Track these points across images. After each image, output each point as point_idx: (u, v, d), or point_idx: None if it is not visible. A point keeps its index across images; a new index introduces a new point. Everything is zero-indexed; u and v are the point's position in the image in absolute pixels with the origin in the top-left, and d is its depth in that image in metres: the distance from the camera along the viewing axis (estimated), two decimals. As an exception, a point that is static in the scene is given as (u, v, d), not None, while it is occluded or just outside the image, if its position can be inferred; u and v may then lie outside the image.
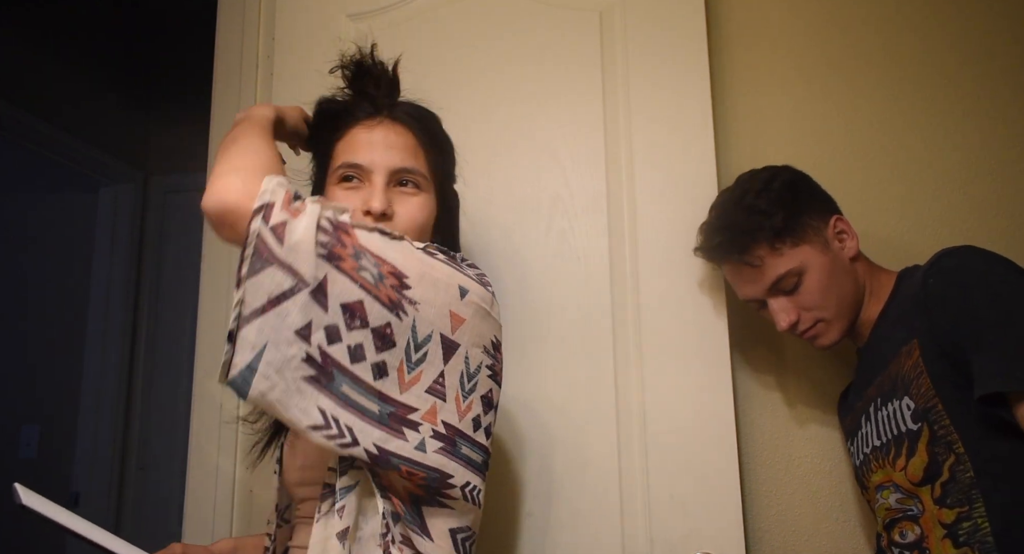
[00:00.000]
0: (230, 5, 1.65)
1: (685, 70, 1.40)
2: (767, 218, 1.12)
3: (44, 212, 2.88)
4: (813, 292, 1.12)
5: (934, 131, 1.41)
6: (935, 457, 1.00)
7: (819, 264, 1.12)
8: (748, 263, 1.14)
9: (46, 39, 2.56)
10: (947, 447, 0.98)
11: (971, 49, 1.42)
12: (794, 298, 1.14)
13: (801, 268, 1.12)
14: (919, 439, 1.01)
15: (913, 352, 1.03)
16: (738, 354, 1.37)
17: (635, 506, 1.28)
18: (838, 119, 1.44)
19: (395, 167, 0.98)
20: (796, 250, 1.12)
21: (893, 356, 1.07)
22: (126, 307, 2.81)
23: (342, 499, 0.84)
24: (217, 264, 1.55)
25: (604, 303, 1.35)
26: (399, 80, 1.06)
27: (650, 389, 1.31)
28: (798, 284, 1.13)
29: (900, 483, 1.05)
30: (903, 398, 1.04)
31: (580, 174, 1.40)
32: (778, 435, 1.36)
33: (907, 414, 1.03)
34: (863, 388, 1.16)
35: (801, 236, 1.13)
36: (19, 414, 2.71)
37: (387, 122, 1.01)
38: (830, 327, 1.14)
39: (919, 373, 1.01)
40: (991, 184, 1.38)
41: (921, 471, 1.01)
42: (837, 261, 1.14)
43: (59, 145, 2.58)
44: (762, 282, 1.14)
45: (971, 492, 0.96)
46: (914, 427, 1.02)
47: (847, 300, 1.14)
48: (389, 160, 0.98)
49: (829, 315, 1.13)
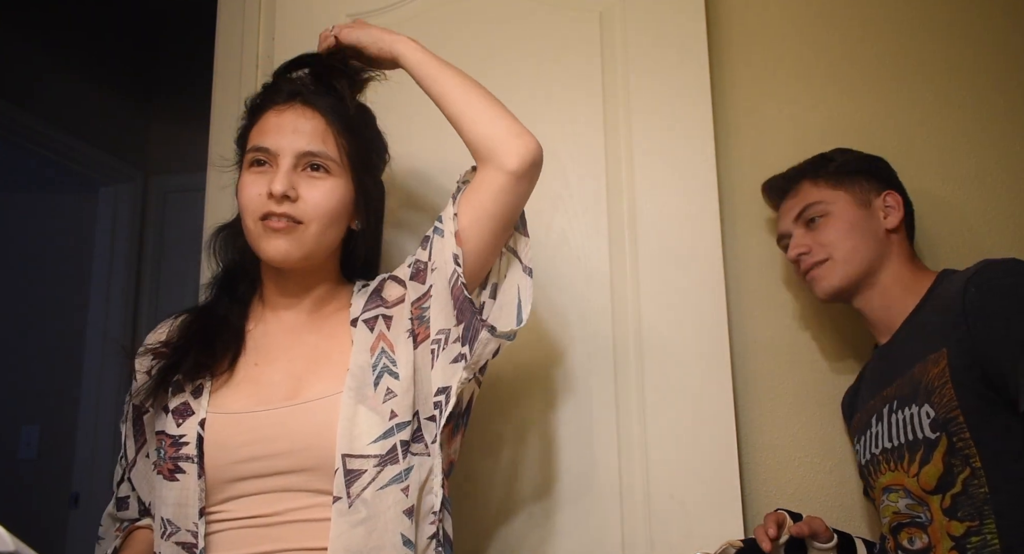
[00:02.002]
0: (230, 5, 1.64)
1: (685, 70, 1.40)
2: (824, 163, 1.24)
3: (44, 212, 2.88)
4: (830, 229, 1.18)
5: (934, 131, 1.41)
6: (951, 468, 0.99)
7: (848, 211, 1.19)
8: (791, 192, 1.25)
9: (46, 39, 2.56)
10: (964, 460, 0.97)
11: (972, 49, 1.42)
12: (813, 233, 1.20)
13: (829, 206, 1.19)
14: (936, 448, 1.00)
15: (941, 361, 1.01)
16: (738, 354, 1.37)
17: (635, 506, 1.28)
18: (838, 119, 1.44)
19: (301, 150, 0.97)
20: (832, 191, 1.20)
21: (920, 361, 1.05)
22: (126, 307, 2.81)
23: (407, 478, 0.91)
24: (217, 264, 1.55)
25: (604, 303, 1.35)
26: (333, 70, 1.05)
27: (650, 389, 1.31)
28: (822, 219, 1.20)
29: (912, 488, 1.05)
30: (923, 405, 1.02)
31: (580, 174, 1.40)
32: (778, 435, 1.36)
33: (926, 422, 1.02)
34: (880, 386, 1.15)
35: (844, 184, 1.20)
36: (19, 414, 2.71)
37: (298, 106, 1.00)
38: (834, 269, 1.17)
39: (944, 383, 1.00)
40: (998, 185, 1.38)
41: (935, 480, 1.00)
42: (869, 221, 1.18)
43: (59, 145, 2.58)
44: (793, 211, 1.23)
45: (983, 508, 0.95)
46: (932, 436, 1.01)
47: (861, 252, 1.16)
48: (295, 143, 0.97)
49: (838, 255, 1.16)
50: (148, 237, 2.92)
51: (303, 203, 0.96)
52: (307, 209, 0.96)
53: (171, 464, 0.93)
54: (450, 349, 0.99)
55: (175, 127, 2.99)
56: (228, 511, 0.92)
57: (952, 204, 1.38)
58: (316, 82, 1.04)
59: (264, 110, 1.02)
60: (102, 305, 2.79)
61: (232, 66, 1.60)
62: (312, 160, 0.98)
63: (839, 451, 1.33)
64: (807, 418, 1.36)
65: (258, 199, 0.97)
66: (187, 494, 0.92)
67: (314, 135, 0.99)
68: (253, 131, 1.02)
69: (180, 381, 0.98)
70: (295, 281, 1.04)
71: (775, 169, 1.32)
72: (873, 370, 1.20)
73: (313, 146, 0.98)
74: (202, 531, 0.91)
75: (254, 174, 0.98)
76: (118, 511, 1.07)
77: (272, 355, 1.01)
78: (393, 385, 0.95)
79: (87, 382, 2.73)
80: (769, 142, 1.45)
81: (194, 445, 0.92)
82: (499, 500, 1.31)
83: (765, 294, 1.40)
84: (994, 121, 1.39)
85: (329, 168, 0.99)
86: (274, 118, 1.00)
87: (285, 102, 1.01)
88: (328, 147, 0.99)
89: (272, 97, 1.02)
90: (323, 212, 0.97)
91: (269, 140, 0.98)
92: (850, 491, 1.31)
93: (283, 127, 0.98)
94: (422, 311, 1.01)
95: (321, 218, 0.97)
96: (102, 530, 1.09)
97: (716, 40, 1.48)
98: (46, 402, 2.73)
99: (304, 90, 1.02)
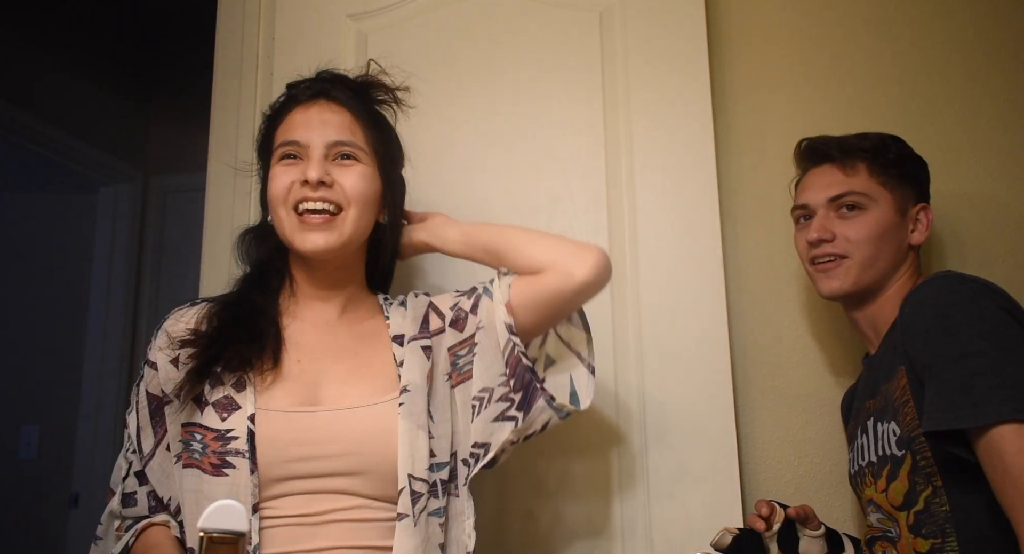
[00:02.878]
0: (230, 5, 1.64)
1: (685, 70, 1.40)
2: (884, 148, 1.15)
3: (44, 212, 2.87)
4: (861, 227, 1.12)
5: (934, 131, 1.41)
6: (914, 485, 0.99)
7: (886, 215, 1.12)
8: (844, 165, 1.15)
9: (46, 39, 2.56)
10: (926, 478, 0.97)
11: (972, 49, 1.42)
12: (842, 222, 1.13)
13: (872, 201, 1.12)
14: (901, 466, 1.00)
15: (902, 378, 1.01)
16: (738, 354, 1.37)
17: (635, 505, 1.28)
18: (838, 119, 1.43)
19: (331, 140, 1.01)
20: (881, 188, 1.13)
21: (891, 375, 1.05)
22: (126, 307, 2.81)
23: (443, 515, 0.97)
24: (217, 264, 1.54)
25: (604, 303, 1.35)
26: (357, 80, 1.10)
27: (650, 389, 1.31)
28: (857, 212, 1.12)
29: (880, 503, 1.05)
30: (890, 422, 1.03)
31: (580, 174, 1.40)
32: (778, 435, 1.36)
33: (893, 439, 1.02)
34: (866, 396, 1.14)
35: (893, 187, 1.13)
36: (19, 414, 2.71)
37: (323, 102, 1.04)
38: (848, 272, 1.12)
39: (906, 401, 1.00)
40: (996, 185, 1.38)
41: (901, 496, 1.01)
42: (899, 231, 1.13)
43: (59, 145, 2.58)
44: (835, 188, 1.14)
45: (945, 526, 0.95)
46: (899, 454, 1.01)
47: (880, 261, 1.11)
48: (325, 134, 1.01)
49: (857, 258, 1.11)
50: (148, 237, 2.92)
51: (339, 188, 0.99)
52: (344, 193, 0.99)
53: (217, 458, 0.92)
54: (494, 407, 1.02)
55: (175, 127, 2.99)
56: (278, 508, 0.92)
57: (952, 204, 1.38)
58: (337, 82, 1.08)
59: (288, 110, 1.05)
60: (102, 305, 2.79)
61: (232, 66, 1.60)
62: (342, 149, 1.01)
63: (839, 451, 1.33)
64: (807, 418, 1.36)
65: (292, 187, 0.99)
66: (238, 489, 0.90)
67: (342, 126, 1.02)
68: (279, 129, 1.04)
69: (220, 373, 0.96)
70: (328, 275, 1.06)
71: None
72: (864, 380, 1.19)
73: (342, 136, 1.01)
74: (256, 527, 0.90)
75: (284, 166, 1.01)
76: (123, 508, 1.01)
77: (314, 353, 1.01)
78: (433, 428, 0.99)
79: (87, 382, 2.73)
80: (769, 142, 1.45)
81: (244, 440, 0.91)
82: (499, 500, 1.30)
83: (765, 294, 1.40)
84: (995, 120, 1.39)
85: (359, 157, 1.02)
86: (300, 114, 1.03)
87: (310, 99, 1.04)
88: (356, 137, 1.03)
89: (295, 97, 1.06)
90: (359, 194, 1.00)
91: (298, 133, 1.01)
92: (850, 491, 1.31)
93: (311, 121, 1.02)
94: (458, 358, 1.05)
95: (358, 201, 1.00)
96: (101, 529, 1.03)
97: (716, 40, 1.48)
98: (46, 402, 2.72)
99: (327, 88, 1.06)
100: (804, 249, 1.18)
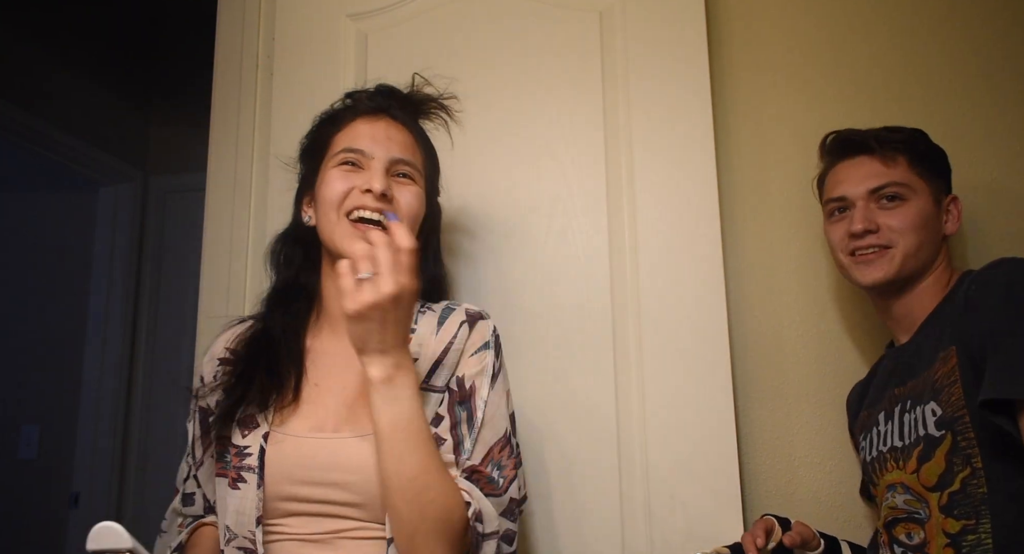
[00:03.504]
0: (230, 5, 1.65)
1: (685, 70, 1.40)
2: (918, 141, 1.17)
3: (44, 212, 2.88)
4: (905, 217, 1.13)
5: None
6: (952, 466, 0.99)
7: (927, 204, 1.14)
8: (883, 156, 1.15)
9: (46, 39, 2.56)
10: (965, 459, 0.98)
11: (973, 48, 1.42)
12: (884, 212, 1.14)
13: (912, 192, 1.13)
14: (939, 446, 1.00)
15: (951, 359, 1.01)
16: (738, 354, 1.37)
17: (635, 506, 1.28)
18: (838, 119, 1.43)
19: (395, 157, 1.04)
20: (919, 179, 1.14)
21: (931, 360, 1.06)
22: (126, 307, 2.81)
23: None
24: (217, 264, 1.55)
25: (604, 303, 1.35)
26: (414, 95, 1.14)
27: (650, 389, 1.31)
28: (899, 203, 1.13)
29: (911, 485, 1.05)
30: (929, 403, 1.03)
31: (580, 174, 1.40)
32: (778, 435, 1.36)
33: (931, 419, 1.02)
34: (891, 385, 1.15)
35: (930, 179, 1.15)
36: (19, 414, 2.71)
37: (388, 119, 1.08)
38: (893, 260, 1.12)
39: (953, 381, 1.00)
40: (995, 185, 1.38)
41: (935, 477, 1.01)
42: (936, 220, 1.15)
43: (59, 145, 2.58)
44: (876, 180, 1.14)
45: (980, 507, 0.96)
46: (937, 434, 1.01)
47: (924, 250, 1.13)
48: (390, 150, 1.04)
49: (903, 246, 1.12)
50: (148, 237, 2.92)
51: (398, 204, 1.02)
52: (400, 209, 1.02)
53: (235, 473, 0.97)
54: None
55: (175, 127, 2.99)
56: (285, 525, 0.95)
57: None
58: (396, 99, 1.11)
59: (350, 118, 1.07)
60: (102, 305, 2.79)
61: (232, 66, 1.61)
62: (402, 168, 1.04)
63: (839, 451, 1.33)
64: (807, 418, 1.36)
65: (351, 192, 1.01)
66: (246, 503, 0.95)
67: (405, 145, 1.06)
68: (340, 136, 1.06)
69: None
70: None
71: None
72: (885, 369, 1.19)
73: (405, 155, 1.05)
74: (259, 539, 0.94)
75: (343, 171, 1.03)
76: (183, 507, 1.09)
77: (330, 377, 1.03)
78: None
79: (87, 382, 2.73)
80: (769, 142, 1.45)
81: (256, 457, 0.96)
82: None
83: (765, 294, 1.40)
84: (996, 120, 1.39)
85: (414, 177, 1.06)
86: (366, 125, 1.06)
87: (375, 114, 1.07)
88: (416, 158, 1.07)
89: (359, 107, 1.09)
90: (412, 213, 1.03)
91: (363, 143, 1.03)
92: (849, 491, 1.31)
93: (377, 134, 1.04)
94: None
95: (409, 218, 1.02)
96: (165, 523, 1.12)
97: (716, 40, 1.48)
98: (46, 402, 2.73)
99: (390, 105, 1.09)
100: (841, 241, 1.18)
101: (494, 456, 0.98)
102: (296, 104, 1.55)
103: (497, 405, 1.01)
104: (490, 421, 0.99)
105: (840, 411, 1.33)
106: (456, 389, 1.00)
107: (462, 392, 1.00)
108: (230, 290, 1.53)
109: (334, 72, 1.53)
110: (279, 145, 1.55)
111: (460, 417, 0.98)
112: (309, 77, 1.55)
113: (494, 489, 0.95)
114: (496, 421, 0.99)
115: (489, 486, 0.95)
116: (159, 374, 2.82)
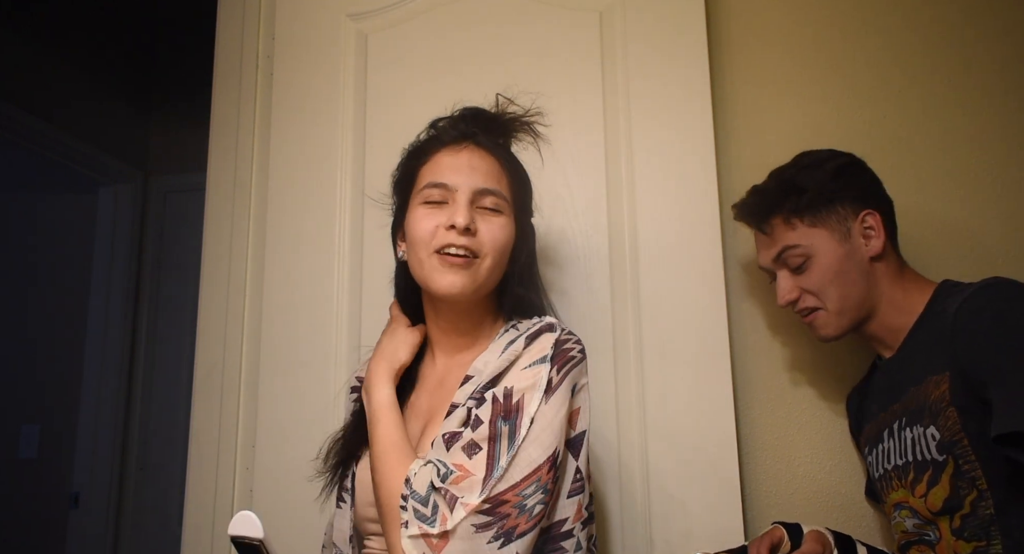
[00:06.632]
0: (230, 5, 1.65)
1: (685, 70, 1.40)
2: (796, 195, 1.13)
3: (44, 212, 2.88)
4: (816, 277, 1.12)
5: (935, 131, 1.41)
6: (957, 490, 0.98)
7: (830, 252, 1.11)
8: (762, 230, 1.17)
9: (46, 39, 2.56)
10: (970, 482, 0.97)
11: (972, 48, 1.42)
12: (799, 277, 1.14)
13: (809, 249, 1.12)
14: (944, 470, 0.99)
15: (942, 384, 1.00)
16: (738, 354, 1.37)
17: (635, 506, 1.28)
18: (838, 119, 1.44)
19: (479, 187, 1.00)
20: (810, 230, 1.12)
21: (924, 380, 1.04)
22: (126, 307, 2.81)
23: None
24: (217, 264, 1.55)
25: (604, 303, 1.35)
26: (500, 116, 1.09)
27: (650, 389, 1.31)
28: (805, 265, 1.13)
29: (918, 509, 1.04)
30: (929, 426, 1.01)
31: (580, 174, 1.41)
32: (778, 435, 1.36)
33: (932, 444, 1.01)
34: (889, 399, 1.13)
35: (821, 220, 1.12)
36: (19, 414, 2.71)
37: (472, 146, 1.04)
38: (828, 320, 1.13)
39: (946, 406, 0.99)
40: (994, 184, 1.38)
41: (941, 502, 1.00)
42: (853, 255, 1.11)
43: (59, 145, 2.58)
44: (771, 251, 1.16)
45: (990, 529, 0.95)
46: (940, 458, 1.00)
47: (852, 298, 1.11)
48: (473, 181, 1.00)
49: (830, 307, 1.12)
50: (148, 237, 2.92)
51: (481, 237, 0.99)
52: (484, 243, 0.99)
53: (340, 492, 1.06)
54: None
55: (175, 127, 2.99)
56: (374, 541, 1.01)
57: (953, 203, 1.38)
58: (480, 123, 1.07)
59: (434, 149, 1.05)
60: (102, 305, 2.79)
61: (232, 66, 1.61)
62: (487, 199, 1.01)
63: (839, 451, 1.33)
64: (807, 418, 1.36)
65: (437, 231, 0.99)
66: (343, 522, 1.04)
67: (489, 174, 1.02)
68: (425, 169, 1.04)
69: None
70: (455, 318, 1.05)
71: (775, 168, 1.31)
72: (879, 383, 1.18)
73: (489, 184, 1.01)
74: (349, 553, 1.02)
75: (429, 208, 1.00)
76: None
77: (419, 399, 1.07)
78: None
79: (87, 382, 2.73)
80: (769, 142, 1.45)
81: (350, 480, 1.04)
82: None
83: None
84: (997, 121, 1.39)
85: (501, 207, 1.02)
86: (449, 157, 1.03)
87: (458, 143, 1.04)
88: (501, 187, 1.03)
89: (443, 138, 1.05)
90: (498, 247, 1.00)
91: (447, 176, 1.01)
92: (850, 491, 1.31)
93: (460, 165, 1.01)
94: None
95: (495, 252, 1.00)
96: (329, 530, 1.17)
97: (716, 40, 1.48)
98: (46, 402, 2.73)
99: (474, 132, 1.05)
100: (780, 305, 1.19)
101: (531, 478, 0.89)
102: (296, 104, 1.55)
103: (550, 421, 0.92)
104: (536, 439, 0.91)
105: (840, 411, 1.33)
106: (501, 400, 0.93)
107: (507, 404, 0.93)
108: (230, 290, 1.53)
109: (334, 72, 1.54)
110: (279, 145, 1.55)
111: (501, 431, 0.91)
112: (309, 77, 1.55)
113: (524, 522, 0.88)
114: (545, 437, 0.91)
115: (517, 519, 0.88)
116: (159, 374, 2.82)
